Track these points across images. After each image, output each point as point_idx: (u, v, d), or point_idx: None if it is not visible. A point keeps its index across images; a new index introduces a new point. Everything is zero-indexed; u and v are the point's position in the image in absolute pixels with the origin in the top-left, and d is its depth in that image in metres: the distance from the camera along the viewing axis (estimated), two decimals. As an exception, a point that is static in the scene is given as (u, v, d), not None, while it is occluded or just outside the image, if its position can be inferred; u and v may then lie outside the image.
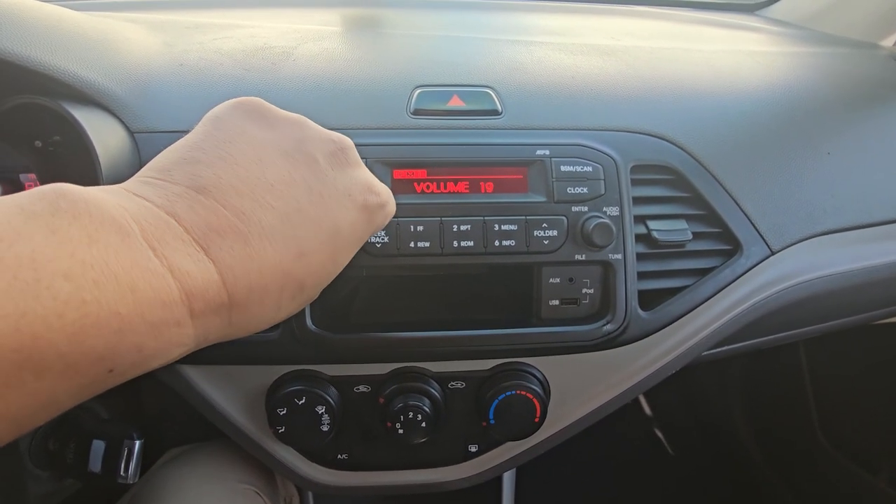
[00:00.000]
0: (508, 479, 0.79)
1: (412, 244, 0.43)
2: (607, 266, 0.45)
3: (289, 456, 0.47)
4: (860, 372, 0.97)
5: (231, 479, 0.48)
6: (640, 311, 0.46)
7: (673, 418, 1.27)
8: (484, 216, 0.44)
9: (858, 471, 0.94)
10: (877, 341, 0.92)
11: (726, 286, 0.48)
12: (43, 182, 0.49)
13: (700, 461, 1.20)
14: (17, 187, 0.55)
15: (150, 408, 0.43)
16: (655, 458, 1.21)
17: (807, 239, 0.51)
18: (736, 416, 1.19)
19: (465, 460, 0.50)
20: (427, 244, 0.43)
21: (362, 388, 0.46)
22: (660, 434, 1.26)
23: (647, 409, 1.30)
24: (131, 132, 0.45)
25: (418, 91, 0.48)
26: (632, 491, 1.13)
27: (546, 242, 0.44)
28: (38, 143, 0.48)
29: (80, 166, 0.46)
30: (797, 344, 1.04)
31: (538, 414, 0.46)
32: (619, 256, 0.45)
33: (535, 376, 0.47)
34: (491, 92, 0.49)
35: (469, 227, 0.44)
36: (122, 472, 0.41)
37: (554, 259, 0.44)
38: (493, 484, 0.77)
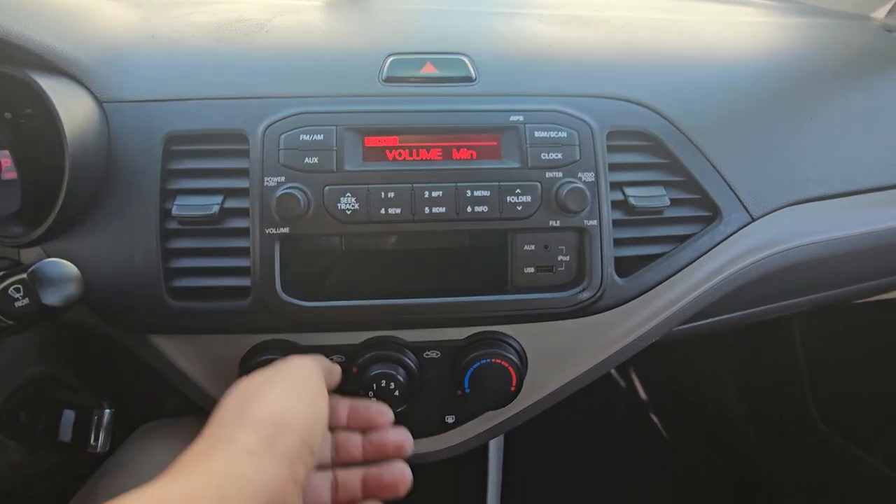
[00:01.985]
0: (495, 464, 0.79)
1: (383, 210, 0.43)
2: (583, 232, 0.44)
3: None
4: (854, 350, 0.96)
5: None
6: (616, 277, 0.45)
7: (667, 402, 1.26)
8: (456, 182, 0.43)
9: (853, 449, 0.94)
10: (871, 319, 0.91)
11: (705, 253, 0.47)
12: (16, 159, 0.49)
13: (694, 444, 1.20)
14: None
15: (123, 384, 0.43)
16: (650, 442, 1.21)
17: (789, 206, 0.50)
18: (730, 399, 1.18)
19: (443, 431, 0.49)
20: (398, 210, 0.43)
21: (336, 359, 0.46)
22: (654, 418, 1.26)
23: (643, 394, 1.29)
24: (100, 102, 0.45)
25: (391, 59, 0.47)
26: (626, 473, 1.13)
27: (520, 209, 0.44)
28: (8, 115, 0.48)
29: (50, 137, 0.46)
30: (791, 324, 1.04)
31: (514, 383, 0.45)
32: (595, 222, 0.44)
33: (510, 345, 0.46)
34: (465, 59, 0.48)
35: (441, 193, 0.43)
36: (92, 442, 0.41)
37: (528, 225, 0.44)
38: (479, 468, 0.77)
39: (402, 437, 0.40)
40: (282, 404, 0.31)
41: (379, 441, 0.40)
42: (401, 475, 0.38)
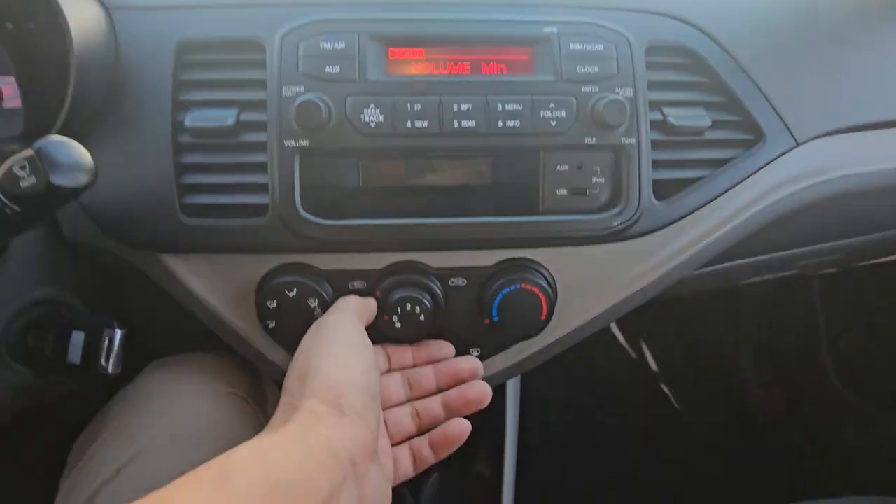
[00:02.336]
0: (512, 415, 0.78)
1: (409, 123, 0.40)
2: (619, 151, 0.42)
3: (278, 356, 0.45)
4: (875, 313, 0.94)
5: (217, 386, 0.46)
6: (654, 199, 0.43)
7: (680, 374, 1.25)
8: (486, 95, 0.41)
9: (873, 411, 0.92)
10: (893, 281, 0.89)
11: (747, 178, 0.45)
12: (22, 84, 0.46)
13: (708, 415, 1.18)
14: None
15: (132, 313, 0.41)
16: (662, 414, 1.19)
17: (833, 133, 0.47)
18: (745, 366, 1.16)
19: (467, 366, 0.47)
20: (425, 124, 0.40)
21: (357, 284, 0.43)
22: (666, 389, 1.24)
23: (653, 365, 1.28)
24: (107, 8, 0.42)
25: None
26: (637, 445, 1.11)
27: (553, 124, 0.41)
28: (9, 26, 0.45)
29: (54, 51, 0.43)
30: (810, 286, 1.01)
31: (544, 311, 0.43)
32: (633, 140, 0.42)
33: (540, 273, 0.44)
34: None
35: (470, 106, 0.40)
36: (102, 363, 0.39)
37: (562, 143, 0.41)
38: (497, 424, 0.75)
39: (472, 363, 0.42)
40: (334, 368, 0.33)
41: (450, 368, 0.42)
42: (483, 389, 0.40)
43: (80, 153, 0.28)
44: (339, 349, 0.35)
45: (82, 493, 0.38)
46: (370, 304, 0.42)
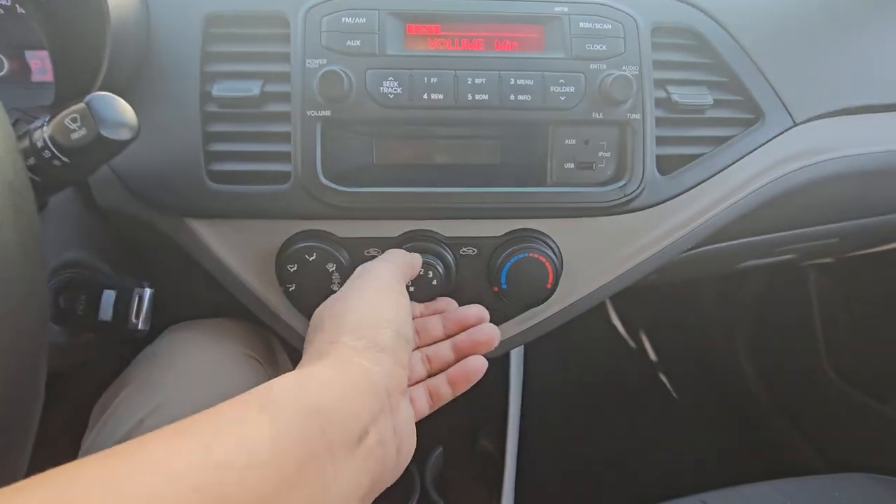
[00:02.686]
0: (515, 392, 0.79)
1: (425, 96, 0.42)
2: (625, 126, 0.44)
3: (295, 320, 0.47)
4: (870, 303, 0.96)
5: (234, 347, 0.48)
6: (657, 173, 0.45)
7: (678, 363, 1.27)
8: (499, 70, 0.43)
9: (866, 399, 0.94)
10: (887, 270, 0.91)
11: (746, 155, 0.47)
12: (54, 58, 0.48)
13: (705, 403, 1.20)
14: (25, 66, 0.54)
15: (158, 285, 0.43)
16: (660, 402, 1.21)
17: (832, 115, 0.49)
18: (742, 358, 1.18)
19: (475, 333, 0.49)
20: (441, 96, 0.42)
21: (373, 252, 0.45)
22: (664, 378, 1.26)
23: (653, 355, 1.30)
24: (139, -18, 0.44)
25: None
26: (636, 434, 1.13)
27: (563, 99, 0.43)
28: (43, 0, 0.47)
29: (89, 24, 0.45)
30: (806, 277, 1.03)
31: (551, 279, 0.45)
32: (638, 116, 0.44)
33: (547, 243, 0.46)
34: None
35: (484, 80, 0.42)
36: (133, 319, 0.41)
37: (570, 117, 0.43)
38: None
39: (478, 309, 0.42)
40: (371, 308, 0.34)
41: (457, 315, 0.42)
42: (492, 331, 0.40)
43: (126, 109, 0.30)
44: (376, 292, 0.36)
45: (105, 444, 0.40)
46: (416, 261, 0.42)
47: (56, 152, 0.29)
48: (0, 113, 0.25)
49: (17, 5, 0.48)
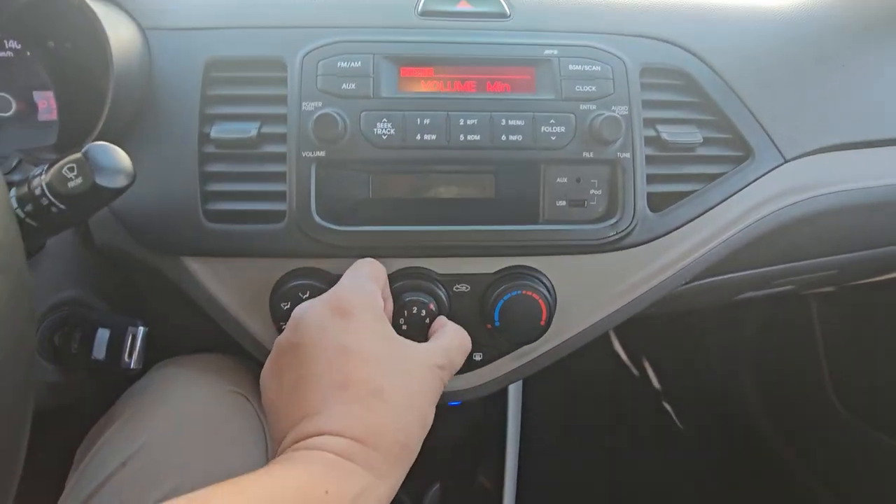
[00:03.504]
0: (513, 427, 0.78)
1: (419, 136, 0.43)
2: (615, 165, 0.45)
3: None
4: (875, 334, 0.95)
5: (221, 384, 0.48)
6: (649, 211, 0.45)
7: (681, 391, 1.25)
8: (491, 111, 0.44)
9: (873, 433, 0.92)
10: (891, 297, 0.90)
11: (736, 192, 0.47)
12: (59, 99, 0.50)
13: (709, 433, 1.18)
14: (31, 106, 0.56)
15: (152, 322, 0.43)
16: (663, 431, 1.19)
17: (821, 151, 0.50)
18: (746, 387, 1.17)
19: (469, 370, 0.49)
20: (433, 137, 0.43)
21: (367, 288, 0.46)
22: (668, 407, 1.25)
23: (656, 383, 1.28)
24: (143, 28, 0.45)
25: None
26: (639, 463, 1.11)
27: (553, 139, 0.44)
28: (52, 44, 0.49)
29: (90, 68, 0.47)
30: (809, 307, 1.03)
31: (544, 316, 0.45)
32: (628, 155, 0.44)
33: (540, 280, 0.46)
34: None
35: (476, 121, 0.43)
36: (125, 358, 0.41)
37: (561, 156, 0.44)
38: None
39: None
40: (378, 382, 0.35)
41: None
42: None
43: (122, 157, 0.31)
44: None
45: (89, 485, 0.40)
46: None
47: (53, 200, 0.30)
48: None
49: (26, 50, 0.50)
